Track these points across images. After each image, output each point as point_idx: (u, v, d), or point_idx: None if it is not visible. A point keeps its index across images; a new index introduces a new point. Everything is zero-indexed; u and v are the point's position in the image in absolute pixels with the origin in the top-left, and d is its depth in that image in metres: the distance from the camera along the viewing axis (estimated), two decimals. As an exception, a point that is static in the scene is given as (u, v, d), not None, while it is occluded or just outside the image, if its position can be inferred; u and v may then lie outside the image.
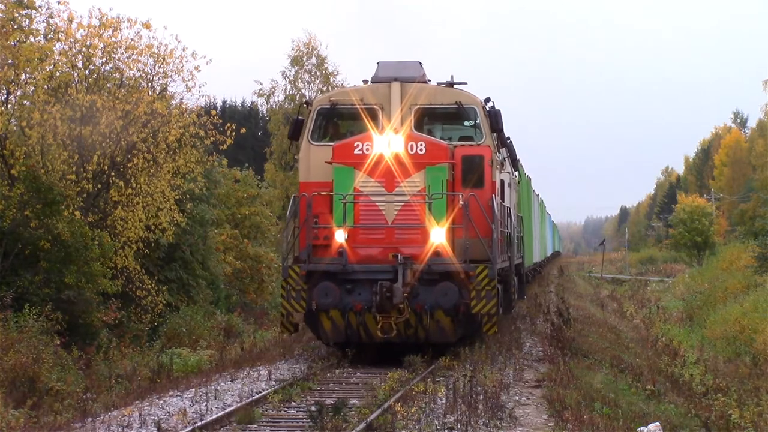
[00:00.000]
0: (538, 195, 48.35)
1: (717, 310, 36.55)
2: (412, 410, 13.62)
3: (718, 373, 24.08)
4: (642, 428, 13.22)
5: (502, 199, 22.09)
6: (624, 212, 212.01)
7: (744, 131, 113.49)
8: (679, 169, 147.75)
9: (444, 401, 14.49)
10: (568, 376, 16.92)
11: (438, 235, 18.78)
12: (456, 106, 20.38)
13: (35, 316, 19.85)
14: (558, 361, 18.62)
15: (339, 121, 21.31)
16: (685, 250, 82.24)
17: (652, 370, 22.12)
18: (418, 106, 20.23)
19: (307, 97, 52.72)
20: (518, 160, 28.33)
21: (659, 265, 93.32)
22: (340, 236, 18.87)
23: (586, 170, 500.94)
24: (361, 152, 19.10)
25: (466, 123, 21.13)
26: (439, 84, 20.72)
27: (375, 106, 20.20)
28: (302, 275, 18.75)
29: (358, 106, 20.23)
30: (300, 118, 20.70)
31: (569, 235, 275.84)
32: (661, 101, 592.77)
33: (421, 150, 19.06)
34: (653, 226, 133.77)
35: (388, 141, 19.05)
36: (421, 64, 20.85)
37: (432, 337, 18.78)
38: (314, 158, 20.02)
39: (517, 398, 15.49)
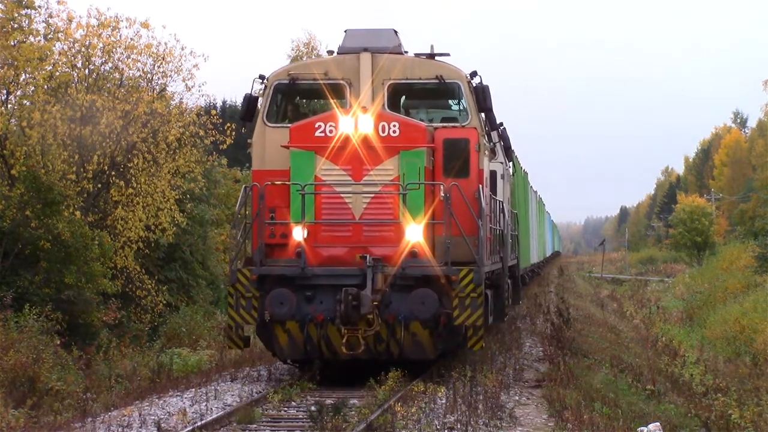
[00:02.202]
0: (536, 192, 46.96)
1: (717, 310, 36.59)
2: (412, 410, 13.60)
3: (718, 373, 24.09)
4: (642, 428, 13.22)
5: (493, 191, 19.77)
6: (624, 212, 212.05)
7: (744, 131, 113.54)
8: (679, 169, 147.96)
9: (444, 401, 14.47)
10: (568, 376, 16.90)
11: (414, 233, 16.09)
12: (436, 81, 17.50)
13: (35, 316, 19.85)
14: (558, 361, 18.50)
15: (300, 99, 18.76)
16: (685, 250, 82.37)
17: (652, 370, 22.12)
18: (391, 81, 17.39)
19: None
20: (513, 150, 25.26)
21: (659, 265, 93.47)
22: (298, 234, 16.14)
23: (586, 170, 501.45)
24: (323, 134, 16.32)
25: (449, 101, 18.60)
26: (417, 55, 17.91)
27: (341, 82, 17.38)
28: (253, 280, 16.11)
29: (321, 82, 17.40)
30: (254, 95, 17.74)
31: (569, 235, 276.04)
32: (662, 101, 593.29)
33: (394, 132, 16.31)
34: (653, 226, 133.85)
35: (355, 121, 16.22)
36: (396, 32, 17.96)
37: (407, 354, 16.07)
38: (270, 142, 17.19)
39: (517, 398, 15.47)
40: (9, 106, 26.19)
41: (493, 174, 19.95)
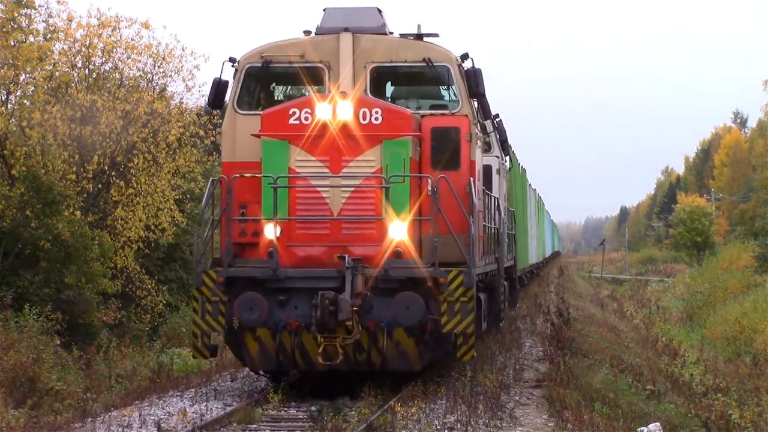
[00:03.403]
0: (535, 190, 46.16)
1: (717, 310, 36.60)
2: (412, 410, 13.62)
3: (718, 373, 24.10)
4: (642, 428, 13.22)
5: (487, 187, 18.59)
6: (624, 212, 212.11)
7: (744, 131, 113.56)
8: (679, 169, 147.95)
9: (444, 401, 14.48)
10: (568, 376, 16.91)
11: (398, 231, 14.68)
12: (424, 64, 16.07)
13: (35, 316, 19.85)
14: (558, 361, 18.52)
15: (274, 84, 17.26)
16: (685, 250, 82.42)
17: (652, 370, 22.13)
18: (374, 65, 16.00)
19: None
20: (510, 145, 23.74)
21: (659, 265, 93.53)
22: (269, 232, 14.75)
23: (586, 170, 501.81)
24: (297, 122, 14.90)
25: (439, 87, 17.03)
26: (403, 36, 16.44)
27: (319, 65, 16.00)
28: (220, 283, 14.75)
29: (297, 65, 16.06)
30: (223, 79, 16.20)
31: (569, 235, 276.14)
32: (662, 101, 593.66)
33: (376, 119, 14.91)
34: (653, 226, 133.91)
35: (333, 107, 14.81)
36: (380, 11, 16.53)
37: (390, 364, 14.65)
38: (241, 131, 15.76)
39: (517, 398, 15.48)
40: (9, 106, 26.19)
41: (487, 168, 18.92)
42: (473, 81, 15.99)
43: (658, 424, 13.33)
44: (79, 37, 27.47)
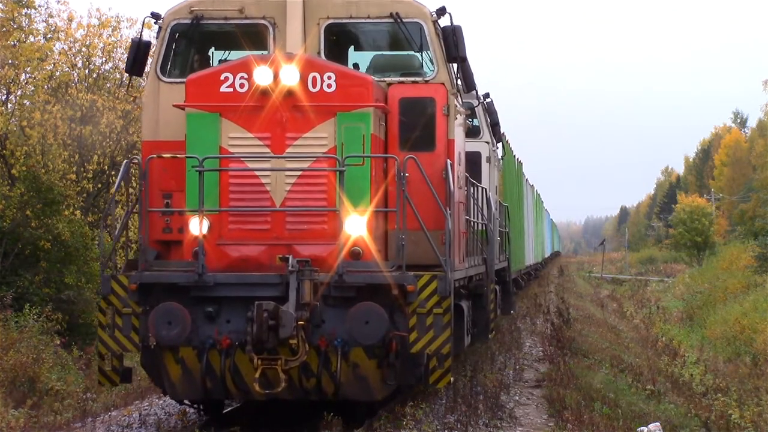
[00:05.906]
0: (532, 186, 44.39)
1: (717, 310, 36.63)
2: (412, 410, 13.61)
3: (718, 373, 24.12)
4: (642, 428, 13.23)
5: (476, 177, 16.31)
6: (624, 212, 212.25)
7: (744, 131, 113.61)
8: (679, 169, 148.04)
9: (444, 401, 14.49)
10: (568, 376, 16.93)
11: (356, 226, 11.71)
12: (390, 20, 12.95)
13: (35, 316, 19.88)
14: (558, 361, 18.56)
15: (207, 45, 13.83)
16: (685, 250, 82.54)
17: (652, 370, 22.15)
18: (330, 21, 12.94)
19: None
20: (504, 133, 20.98)
21: (659, 265, 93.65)
22: (195, 227, 11.75)
23: (586, 170, 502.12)
24: (231, 89, 11.94)
25: (409, 49, 13.45)
26: None
27: (262, 21, 12.91)
28: (133, 291, 11.81)
29: (234, 22, 13.02)
30: (144, 39, 13.36)
31: (569, 235, 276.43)
32: (662, 101, 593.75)
33: (328, 86, 11.97)
34: (653, 226, 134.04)
35: (275, 71, 11.85)
36: None
37: (346, 392, 11.73)
38: (166, 104, 12.72)
39: (517, 398, 15.48)
40: (9, 106, 26.25)
41: (475, 155, 16.88)
42: (452, 41, 12.87)
43: (658, 424, 13.34)
44: (79, 37, 27.60)
